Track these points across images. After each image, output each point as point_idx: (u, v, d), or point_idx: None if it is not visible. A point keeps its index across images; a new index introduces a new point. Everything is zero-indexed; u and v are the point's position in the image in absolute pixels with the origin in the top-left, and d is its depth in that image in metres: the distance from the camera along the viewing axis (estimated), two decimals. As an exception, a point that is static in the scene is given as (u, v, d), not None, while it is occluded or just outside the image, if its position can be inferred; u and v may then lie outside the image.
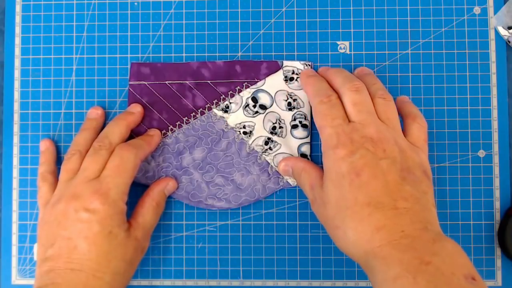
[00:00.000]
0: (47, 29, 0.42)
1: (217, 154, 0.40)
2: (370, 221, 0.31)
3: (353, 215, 0.32)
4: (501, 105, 0.41)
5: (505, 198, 0.41)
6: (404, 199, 0.32)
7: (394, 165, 0.33)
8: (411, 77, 0.41)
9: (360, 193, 0.32)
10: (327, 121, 0.35)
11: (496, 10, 0.41)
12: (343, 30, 0.41)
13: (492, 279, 0.40)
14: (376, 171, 0.32)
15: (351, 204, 0.32)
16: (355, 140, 0.33)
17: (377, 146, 0.33)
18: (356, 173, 0.32)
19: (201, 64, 0.41)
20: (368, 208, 0.31)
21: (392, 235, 0.31)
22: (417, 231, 0.31)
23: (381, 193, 0.32)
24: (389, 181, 0.32)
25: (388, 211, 0.31)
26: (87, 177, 0.36)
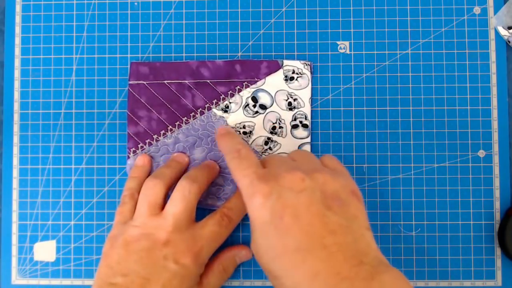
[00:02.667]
0: (47, 29, 0.42)
1: (217, 154, 0.40)
2: (304, 268, 0.28)
3: (287, 264, 0.29)
4: (501, 105, 0.40)
5: (505, 198, 0.40)
6: (332, 233, 0.29)
7: (314, 195, 0.30)
8: (411, 77, 0.41)
9: (287, 238, 0.29)
10: (239, 172, 0.33)
11: (496, 10, 0.41)
12: (343, 30, 0.41)
13: (492, 279, 0.40)
14: (297, 209, 0.30)
15: (281, 253, 0.29)
16: (269, 182, 0.31)
17: (293, 179, 0.31)
18: (279, 216, 0.30)
19: (200, 64, 0.40)
20: (299, 254, 0.29)
21: (329, 281, 0.28)
22: (353, 269, 0.28)
23: (308, 233, 0.29)
24: (313, 216, 0.29)
25: (319, 252, 0.29)
26: (179, 227, 0.35)
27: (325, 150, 0.40)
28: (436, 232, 0.40)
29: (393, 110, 0.40)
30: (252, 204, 0.31)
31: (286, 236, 0.29)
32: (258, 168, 0.32)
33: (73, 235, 0.41)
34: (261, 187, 0.31)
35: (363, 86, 0.41)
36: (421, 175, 0.40)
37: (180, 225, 0.35)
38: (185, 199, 0.35)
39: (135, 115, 0.40)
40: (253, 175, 0.32)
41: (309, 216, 0.29)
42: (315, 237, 0.29)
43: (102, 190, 0.41)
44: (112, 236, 0.36)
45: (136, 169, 0.39)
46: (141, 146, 0.40)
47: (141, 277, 0.33)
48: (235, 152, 0.34)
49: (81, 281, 0.41)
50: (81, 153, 0.41)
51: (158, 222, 0.35)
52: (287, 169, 0.31)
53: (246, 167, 0.33)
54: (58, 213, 0.41)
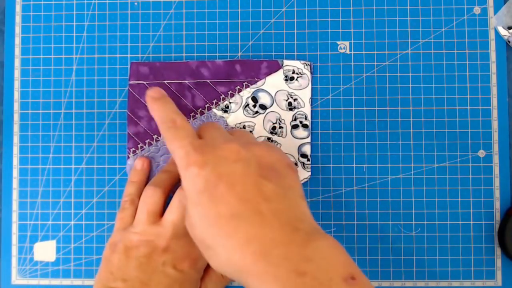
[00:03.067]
0: (47, 29, 0.42)
1: (217, 154, 0.40)
2: (237, 234, 0.28)
3: (220, 231, 0.29)
4: (501, 105, 0.40)
5: (505, 198, 0.40)
6: (266, 200, 0.29)
7: (250, 166, 0.30)
8: (411, 77, 0.41)
9: (221, 206, 0.29)
10: (175, 143, 0.32)
11: (496, 10, 0.41)
12: (343, 30, 0.41)
13: (492, 279, 0.40)
14: (232, 178, 0.29)
15: (214, 221, 0.29)
16: (205, 153, 0.30)
17: (229, 150, 0.30)
18: (213, 185, 0.29)
19: (200, 64, 0.40)
20: (233, 221, 0.28)
21: (263, 247, 0.27)
22: (288, 235, 0.28)
23: (243, 201, 0.29)
24: (248, 185, 0.29)
25: (254, 217, 0.28)
26: (178, 234, 0.35)
27: (325, 150, 0.40)
28: (436, 232, 0.40)
29: (393, 110, 0.40)
30: (187, 174, 0.30)
31: (220, 203, 0.29)
32: (194, 139, 0.32)
33: (73, 235, 0.41)
34: (197, 158, 0.30)
35: (363, 86, 0.41)
36: (421, 175, 0.40)
37: (179, 232, 0.35)
38: (183, 207, 0.35)
39: (135, 115, 0.40)
40: (189, 146, 0.31)
41: (244, 184, 0.29)
42: (250, 203, 0.29)
43: (102, 190, 0.41)
44: (112, 243, 0.36)
45: (136, 173, 0.39)
46: (141, 146, 0.40)
47: (141, 282, 0.34)
48: (170, 121, 0.33)
49: (81, 281, 0.41)
50: (81, 153, 0.41)
51: (158, 230, 0.35)
52: (224, 141, 0.32)
53: (182, 137, 0.32)
54: (58, 213, 0.41)
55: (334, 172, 0.40)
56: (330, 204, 0.40)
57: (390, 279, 0.40)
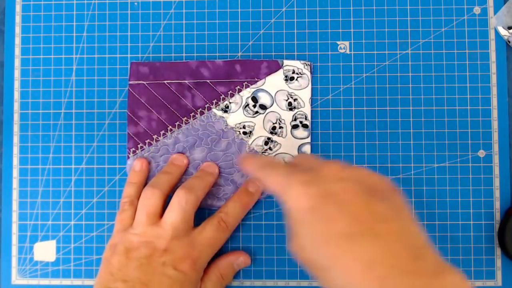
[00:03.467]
0: (47, 29, 0.42)
1: (217, 154, 0.40)
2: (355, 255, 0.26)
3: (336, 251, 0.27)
4: (501, 105, 0.40)
5: (505, 198, 0.40)
6: (381, 220, 0.27)
7: (355, 185, 0.28)
8: (411, 77, 0.40)
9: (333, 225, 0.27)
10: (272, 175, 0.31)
11: (496, 10, 0.41)
12: (343, 30, 0.41)
13: (492, 279, 0.40)
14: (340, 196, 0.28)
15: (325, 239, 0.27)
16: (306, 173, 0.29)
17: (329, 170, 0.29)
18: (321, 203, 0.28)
19: (200, 64, 0.40)
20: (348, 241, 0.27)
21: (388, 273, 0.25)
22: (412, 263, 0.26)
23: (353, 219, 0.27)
24: (357, 203, 0.27)
25: (370, 239, 0.26)
26: (177, 236, 0.35)
27: (325, 150, 0.40)
28: (436, 232, 0.40)
29: (393, 110, 0.40)
30: (290, 194, 0.29)
31: (332, 222, 0.27)
32: (290, 168, 0.31)
33: (73, 235, 0.41)
34: (299, 177, 0.29)
35: (363, 86, 0.40)
36: (421, 175, 0.40)
37: (178, 234, 0.35)
38: (183, 209, 0.35)
39: (135, 115, 0.40)
40: (287, 171, 0.30)
41: (354, 203, 0.27)
42: (363, 223, 0.27)
43: (102, 190, 0.41)
44: (112, 244, 0.36)
45: (134, 174, 0.39)
46: (141, 146, 0.40)
47: (141, 283, 0.34)
48: (266, 163, 0.33)
49: (81, 281, 0.41)
50: (81, 153, 0.41)
51: (157, 232, 0.35)
52: (322, 163, 0.30)
53: (278, 167, 0.32)
54: (58, 213, 0.41)
55: (334, 172, 0.40)
56: (330, 204, 0.40)
57: (390, 279, 0.40)
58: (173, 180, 0.38)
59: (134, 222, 0.36)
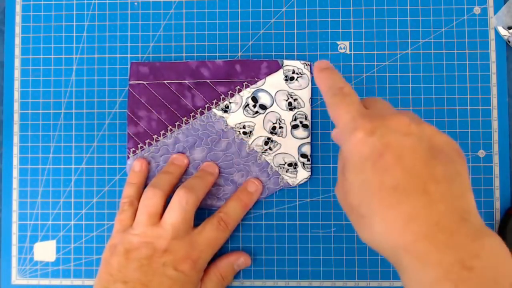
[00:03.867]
0: (47, 29, 0.42)
1: (217, 154, 0.40)
2: (399, 209, 0.27)
3: (380, 202, 0.27)
4: (501, 105, 0.40)
5: (505, 198, 0.40)
6: (435, 181, 0.27)
7: (421, 142, 0.28)
8: (411, 77, 0.40)
9: (386, 176, 0.27)
10: (341, 109, 0.31)
11: (496, 10, 0.40)
12: (343, 30, 0.41)
13: (492, 279, 0.40)
14: (401, 150, 0.27)
15: (376, 190, 0.27)
16: (374, 120, 0.29)
17: (399, 122, 0.29)
18: (379, 153, 0.28)
19: (200, 64, 0.40)
20: (396, 194, 0.27)
21: (427, 228, 0.26)
22: (455, 223, 0.26)
23: (409, 175, 0.27)
24: (416, 160, 0.27)
25: (419, 196, 0.27)
26: (178, 236, 0.35)
27: (325, 150, 0.40)
28: (436, 232, 0.40)
29: (393, 110, 0.40)
30: (351, 138, 0.29)
31: (385, 173, 0.27)
32: (361, 107, 0.31)
33: (73, 235, 0.41)
34: (364, 124, 0.29)
35: (363, 86, 0.40)
36: (421, 175, 0.40)
37: (179, 234, 0.35)
38: (183, 209, 0.35)
39: (135, 115, 0.40)
40: (355, 112, 0.30)
41: (413, 159, 0.27)
42: (417, 180, 0.27)
43: (102, 190, 0.41)
44: (112, 244, 0.36)
45: (134, 174, 0.39)
46: (141, 146, 0.40)
47: (142, 283, 0.34)
48: (337, 89, 0.32)
49: (81, 281, 0.40)
50: (81, 153, 0.41)
51: (158, 232, 0.35)
52: (393, 113, 0.30)
53: (348, 103, 0.31)
54: (58, 213, 0.41)
55: (334, 172, 0.40)
56: (330, 204, 0.40)
57: (390, 279, 0.40)
58: (174, 180, 0.38)
59: (135, 222, 0.36)
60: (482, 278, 0.25)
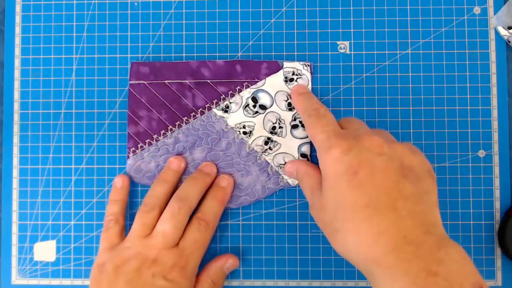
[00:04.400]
0: (47, 29, 0.41)
1: (217, 154, 0.40)
2: (370, 224, 0.29)
3: (353, 217, 0.29)
4: (501, 105, 0.40)
5: (505, 198, 0.40)
6: (404, 198, 0.29)
7: (392, 162, 0.30)
8: (411, 77, 0.40)
9: (359, 193, 0.30)
10: (317, 129, 0.33)
11: (496, 10, 0.40)
12: (343, 30, 0.41)
13: (492, 279, 0.39)
14: (373, 169, 0.30)
15: (349, 205, 0.30)
16: (349, 139, 0.31)
17: (373, 142, 0.31)
18: (353, 171, 0.30)
19: (200, 64, 0.40)
20: (367, 210, 0.29)
21: (395, 242, 0.28)
22: (420, 235, 0.28)
23: (380, 192, 0.29)
24: (387, 178, 0.30)
25: (388, 213, 0.29)
26: (168, 244, 0.35)
27: (325, 150, 0.40)
28: (436, 232, 0.39)
29: (393, 110, 0.40)
30: (327, 156, 0.31)
31: (357, 190, 0.30)
32: (336, 127, 0.33)
33: (73, 235, 0.40)
34: (340, 142, 0.31)
35: (363, 86, 0.40)
36: (421, 175, 0.40)
37: (169, 242, 0.35)
38: (175, 218, 0.35)
39: (136, 115, 0.40)
40: (331, 132, 0.32)
41: (384, 177, 0.30)
42: (387, 197, 0.29)
43: (102, 190, 0.41)
44: (100, 263, 0.35)
45: (116, 191, 0.39)
46: (141, 146, 0.40)
47: None
48: (313, 110, 0.35)
49: (81, 281, 0.40)
50: (81, 153, 0.41)
51: (148, 242, 0.35)
52: (367, 133, 0.32)
53: (324, 124, 0.33)
54: (58, 213, 0.41)
55: (334, 172, 0.40)
56: (330, 204, 0.40)
57: (390, 279, 0.39)
58: (170, 189, 0.38)
59: (129, 234, 0.36)
60: (446, 281, 0.27)
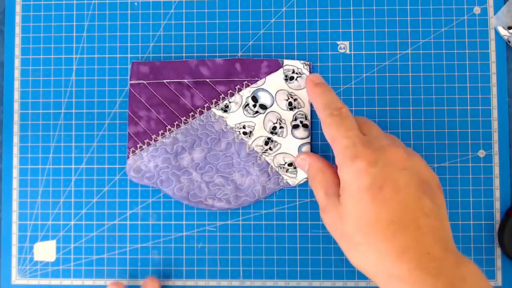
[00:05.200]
0: (47, 29, 0.41)
1: (217, 154, 0.39)
2: (394, 241, 0.29)
3: (377, 233, 0.29)
4: (501, 105, 0.40)
5: (505, 198, 0.39)
6: (425, 215, 0.29)
7: (413, 177, 0.30)
8: (411, 77, 0.40)
9: (383, 208, 0.29)
10: (340, 132, 0.31)
11: (496, 10, 0.40)
12: (343, 30, 0.40)
13: (492, 279, 0.39)
14: (398, 184, 0.29)
15: (373, 220, 0.29)
16: (374, 150, 0.30)
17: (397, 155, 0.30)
18: (379, 186, 0.29)
19: (199, 62, 0.39)
20: (392, 226, 0.29)
21: (420, 258, 0.28)
22: (441, 252, 0.29)
23: (404, 209, 0.29)
24: (410, 195, 0.29)
25: (412, 230, 0.29)
26: None
27: (325, 150, 0.40)
28: (436, 232, 0.39)
29: (393, 110, 0.40)
30: (352, 165, 0.30)
31: (383, 206, 0.29)
32: (359, 132, 0.32)
33: (73, 235, 0.40)
34: (366, 152, 0.30)
35: (363, 86, 0.40)
36: (421, 175, 0.39)
37: None
38: None
39: (136, 115, 0.39)
40: (356, 138, 0.31)
41: (407, 194, 0.29)
42: (411, 215, 0.29)
43: (102, 190, 0.40)
44: None
45: None
46: (140, 146, 0.39)
47: None
48: (336, 109, 0.32)
49: (81, 281, 0.40)
50: (81, 153, 0.40)
51: None
52: (389, 144, 0.31)
53: (348, 127, 0.31)
54: (58, 213, 0.40)
55: (334, 172, 0.39)
56: (330, 204, 0.39)
57: (390, 279, 0.39)
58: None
59: None
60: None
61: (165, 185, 0.39)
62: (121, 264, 0.40)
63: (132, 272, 0.40)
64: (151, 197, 0.40)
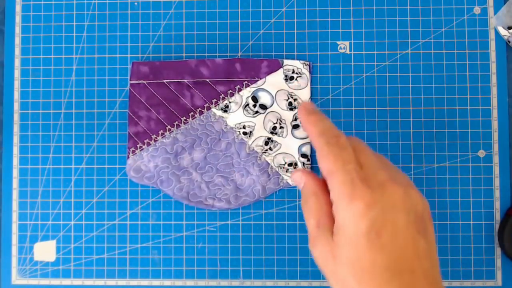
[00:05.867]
0: (47, 29, 0.41)
1: (217, 154, 0.39)
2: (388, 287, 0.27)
3: (371, 280, 0.28)
4: (501, 105, 0.39)
5: (505, 198, 0.39)
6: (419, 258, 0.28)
7: (411, 215, 0.29)
8: (411, 77, 0.40)
9: (380, 255, 0.28)
10: (337, 165, 0.29)
11: (496, 10, 0.40)
12: (343, 30, 0.40)
13: (492, 279, 0.39)
14: (396, 228, 0.28)
15: (368, 267, 0.28)
16: (373, 190, 0.28)
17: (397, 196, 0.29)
18: (376, 232, 0.28)
19: (199, 62, 0.39)
20: (387, 273, 0.28)
21: None
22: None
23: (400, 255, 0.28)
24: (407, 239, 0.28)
25: (407, 275, 0.28)
26: None
27: (325, 150, 0.39)
28: (436, 232, 0.39)
29: (393, 110, 0.39)
30: (350, 207, 0.28)
31: (379, 253, 0.28)
32: (357, 165, 0.29)
33: (73, 235, 0.40)
34: (365, 193, 0.28)
35: (363, 86, 0.40)
36: (421, 175, 0.39)
37: None
38: None
39: (136, 115, 0.39)
40: (354, 173, 0.28)
41: (404, 238, 0.28)
42: (406, 260, 0.28)
43: (102, 190, 0.40)
44: None
45: None
46: (140, 146, 0.39)
47: None
48: (332, 137, 0.30)
49: (81, 281, 0.40)
50: (81, 153, 0.40)
51: None
52: (388, 180, 0.29)
53: (346, 160, 0.29)
54: (58, 213, 0.40)
55: (334, 172, 0.39)
56: (330, 204, 0.39)
57: (390, 279, 0.39)
58: None
59: None
60: None
61: (165, 185, 0.39)
62: (121, 264, 0.40)
63: (132, 272, 0.39)
64: (151, 197, 0.40)
